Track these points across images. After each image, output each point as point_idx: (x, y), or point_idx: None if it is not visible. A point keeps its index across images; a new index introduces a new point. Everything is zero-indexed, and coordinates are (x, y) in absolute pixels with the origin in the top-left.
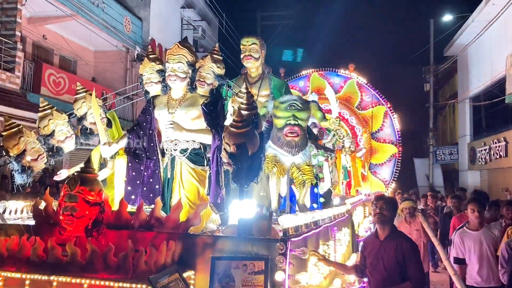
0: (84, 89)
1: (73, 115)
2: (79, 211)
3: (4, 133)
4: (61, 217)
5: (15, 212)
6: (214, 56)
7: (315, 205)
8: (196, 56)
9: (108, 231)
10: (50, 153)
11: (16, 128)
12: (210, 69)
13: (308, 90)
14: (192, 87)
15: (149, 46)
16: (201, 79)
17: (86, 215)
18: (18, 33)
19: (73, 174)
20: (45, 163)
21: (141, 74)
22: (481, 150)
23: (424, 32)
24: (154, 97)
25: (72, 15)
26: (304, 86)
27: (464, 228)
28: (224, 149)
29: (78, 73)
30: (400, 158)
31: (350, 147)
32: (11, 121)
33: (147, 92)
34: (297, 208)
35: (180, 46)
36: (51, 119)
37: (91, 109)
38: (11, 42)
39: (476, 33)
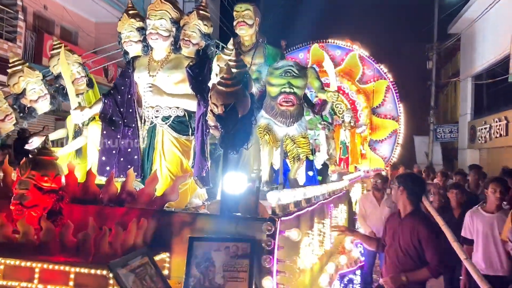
0: (61, 45)
1: (50, 73)
2: (30, 200)
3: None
4: (11, 207)
5: None
6: (201, 12)
7: (310, 173)
8: (181, 12)
9: (74, 206)
10: (22, 114)
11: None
12: (196, 27)
13: (308, 62)
14: (176, 47)
15: (129, 1)
16: (186, 38)
17: (39, 204)
18: (19, 3)
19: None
20: (15, 125)
21: (120, 32)
22: (482, 129)
23: (429, 8)
24: (134, 58)
25: None
26: (304, 58)
27: (479, 208)
28: (211, 110)
29: (79, 44)
30: (400, 134)
31: (350, 122)
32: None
33: (126, 53)
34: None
35: (163, 0)
36: (21, 76)
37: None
38: (13, 11)
39: (481, 10)
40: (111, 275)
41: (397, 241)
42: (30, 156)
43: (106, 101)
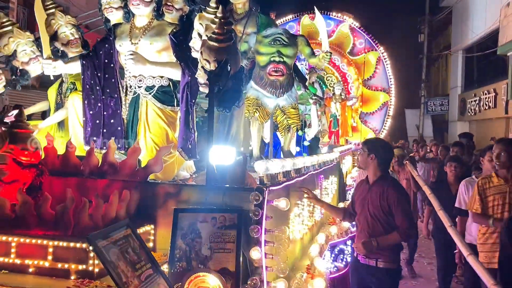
0: (10, 21)
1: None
2: (8, 175)
3: None
4: None
5: None
6: None
7: (297, 148)
8: None
9: (53, 178)
10: (14, 76)
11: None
12: None
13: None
14: (158, 13)
15: None
16: (169, 3)
17: (19, 179)
18: None
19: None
20: (5, 86)
21: None
22: (471, 101)
23: None
24: (115, 25)
25: None
26: (295, 31)
27: (474, 177)
28: (202, 67)
29: None
30: (391, 105)
31: (340, 94)
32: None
33: (107, 20)
34: (282, 156)
35: None
36: (11, 37)
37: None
38: None
39: None
40: (91, 248)
41: (366, 208)
42: (3, 129)
43: (84, 62)
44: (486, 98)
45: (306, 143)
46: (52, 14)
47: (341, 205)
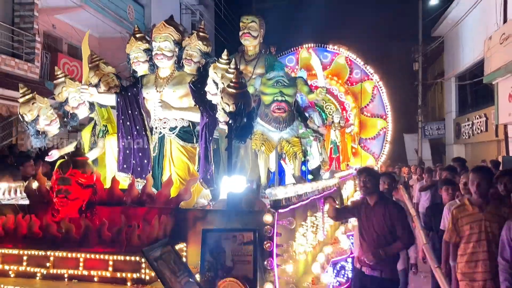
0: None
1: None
2: (72, 194)
3: (20, 100)
4: (55, 200)
5: (9, 193)
6: (200, 34)
7: (303, 167)
8: (182, 34)
9: (102, 208)
10: (65, 119)
11: (30, 95)
12: (197, 47)
13: (297, 67)
14: (179, 65)
15: (136, 26)
16: (188, 57)
17: (80, 197)
18: (36, 26)
19: (65, 156)
20: (59, 128)
21: (128, 54)
22: (465, 125)
23: (413, 12)
24: (142, 76)
25: (81, 5)
26: (294, 64)
27: (457, 200)
28: (223, 109)
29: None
30: (388, 131)
31: (339, 122)
32: (25, 88)
33: (134, 72)
34: (287, 182)
35: (166, 24)
36: (64, 86)
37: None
38: (30, 34)
39: (460, 16)
40: (143, 259)
41: (372, 228)
42: (66, 157)
43: (118, 97)
44: (478, 122)
45: (310, 177)
46: (97, 66)
47: (341, 228)
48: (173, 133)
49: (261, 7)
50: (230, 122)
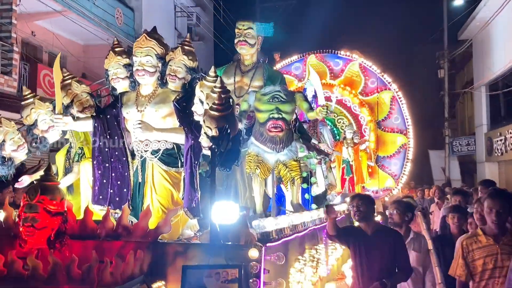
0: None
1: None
2: (40, 222)
3: None
4: (21, 229)
5: None
6: (185, 47)
7: (307, 196)
8: (166, 48)
9: (73, 241)
10: (35, 144)
11: None
12: (181, 62)
13: (304, 76)
14: (162, 82)
15: (115, 39)
16: (172, 73)
17: (48, 226)
18: (14, 35)
19: (33, 182)
20: (27, 154)
21: (107, 69)
22: (498, 141)
23: (438, 15)
24: (122, 93)
25: (62, 10)
26: (301, 72)
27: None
28: (205, 133)
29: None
30: (409, 148)
31: (352, 138)
32: None
33: (113, 89)
34: (286, 210)
35: (148, 37)
36: (33, 108)
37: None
38: (8, 44)
39: (489, 17)
40: None
41: (373, 259)
42: (35, 182)
43: (95, 123)
44: (511, 137)
45: (313, 206)
46: (69, 84)
47: (350, 262)
48: (156, 157)
49: (264, 7)
50: (213, 147)
